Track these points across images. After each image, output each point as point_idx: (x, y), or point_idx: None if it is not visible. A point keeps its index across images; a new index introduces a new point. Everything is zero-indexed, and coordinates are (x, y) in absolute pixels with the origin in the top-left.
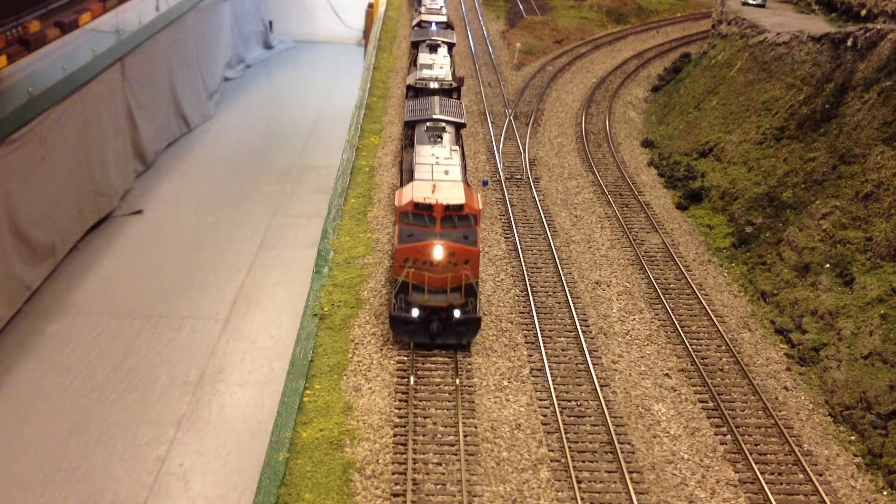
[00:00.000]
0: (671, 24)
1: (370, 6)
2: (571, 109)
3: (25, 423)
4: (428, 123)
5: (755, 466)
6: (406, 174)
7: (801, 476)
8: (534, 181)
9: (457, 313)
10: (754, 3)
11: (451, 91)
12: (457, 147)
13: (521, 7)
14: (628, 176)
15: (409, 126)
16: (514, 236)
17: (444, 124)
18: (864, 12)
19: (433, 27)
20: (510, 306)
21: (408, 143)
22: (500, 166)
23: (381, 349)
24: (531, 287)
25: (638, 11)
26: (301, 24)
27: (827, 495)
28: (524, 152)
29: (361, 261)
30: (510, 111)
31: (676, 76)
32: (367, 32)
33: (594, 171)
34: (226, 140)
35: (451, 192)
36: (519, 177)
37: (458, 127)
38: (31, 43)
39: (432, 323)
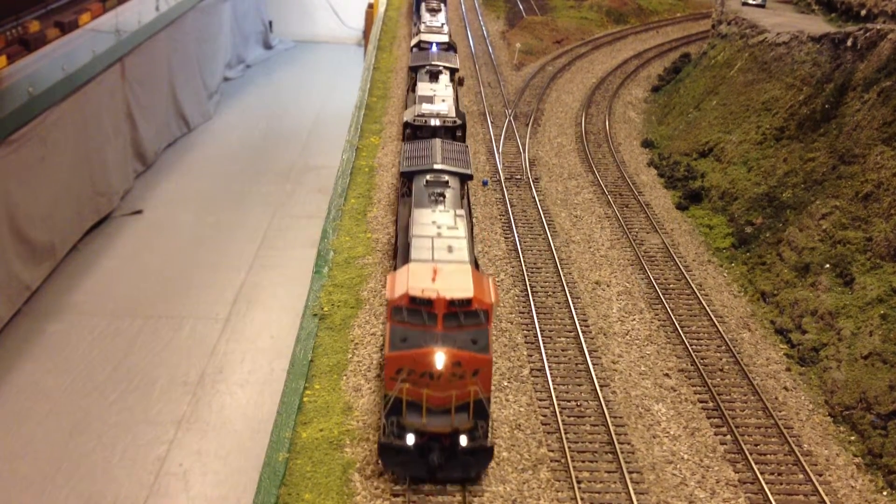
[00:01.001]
0: (671, 25)
1: (370, 6)
2: (571, 109)
3: (25, 423)
4: (428, 177)
5: (755, 466)
6: (402, 233)
7: (800, 476)
8: (534, 181)
9: (463, 440)
10: (754, 3)
11: (454, 129)
12: (462, 211)
13: (520, 7)
14: (628, 176)
15: (406, 177)
16: (513, 236)
17: (446, 177)
18: (863, 12)
19: (433, 48)
20: (510, 306)
21: (405, 192)
22: (499, 166)
23: (381, 349)
24: (531, 287)
25: (638, 12)
26: (301, 24)
27: (827, 495)
28: (524, 152)
29: (361, 261)
30: (510, 111)
31: (676, 76)
32: (366, 32)
33: (594, 172)
34: (226, 140)
35: (457, 281)
36: (519, 177)
37: (464, 179)
38: (31, 43)
39: (432, 453)
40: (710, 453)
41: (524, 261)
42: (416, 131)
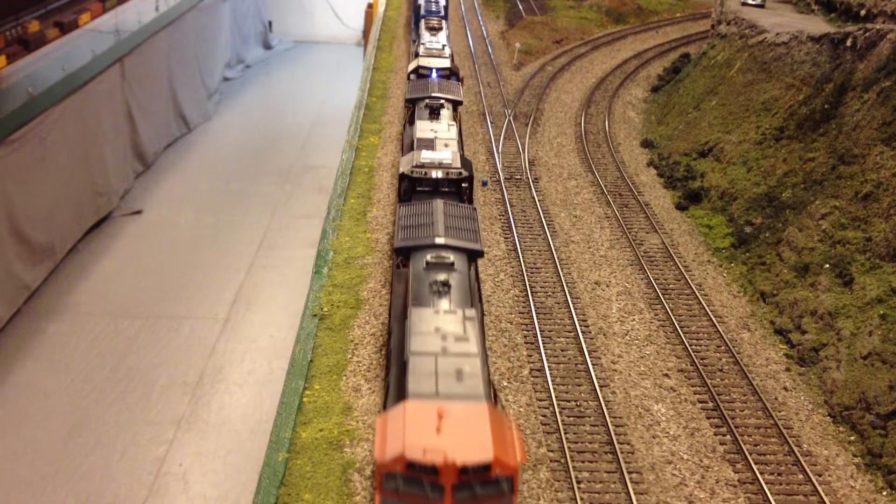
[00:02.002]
0: (671, 25)
1: (369, 6)
2: (571, 110)
3: (25, 423)
4: (428, 256)
5: (755, 467)
6: (396, 326)
7: (800, 476)
8: (533, 181)
9: None
10: (753, 3)
11: (460, 182)
12: (472, 311)
13: (520, 7)
14: (628, 176)
15: (402, 254)
16: (513, 236)
17: (451, 257)
18: (863, 12)
19: (433, 75)
20: (509, 307)
21: (400, 264)
22: (499, 166)
23: (381, 350)
24: (531, 287)
25: (637, 12)
26: (300, 24)
27: (826, 495)
28: (523, 152)
29: (361, 261)
30: (509, 111)
31: (676, 76)
32: (366, 32)
33: (594, 172)
34: (225, 140)
35: (471, 434)
36: (518, 177)
37: (474, 256)
38: (31, 43)
39: None
40: (710, 453)
41: (524, 261)
42: (414, 184)
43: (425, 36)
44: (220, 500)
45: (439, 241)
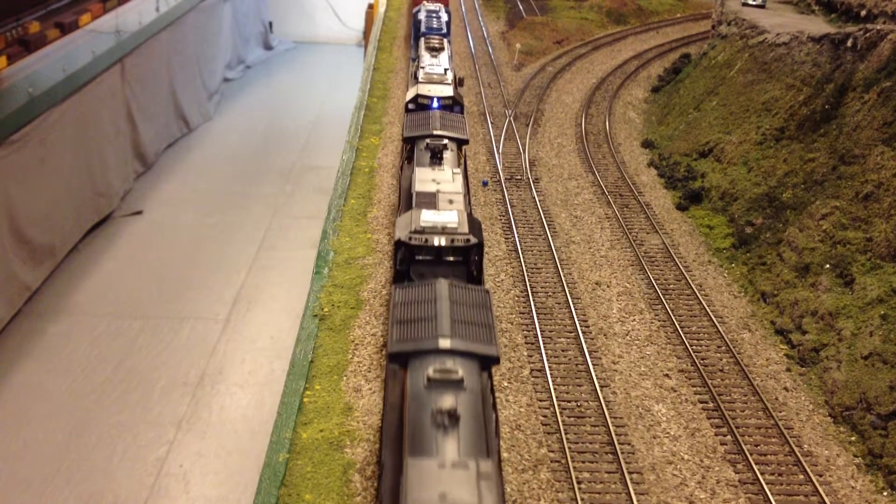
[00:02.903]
0: (671, 25)
1: (370, 7)
2: (571, 110)
3: (25, 423)
4: (430, 371)
5: (755, 467)
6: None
7: (801, 477)
8: (534, 182)
9: None
10: (754, 3)
11: (468, 251)
12: (489, 467)
13: (520, 7)
14: (628, 176)
15: (397, 360)
16: (513, 237)
17: (459, 372)
18: (863, 13)
19: (434, 104)
20: (510, 307)
21: (398, 370)
22: (499, 167)
23: (381, 350)
24: (531, 288)
25: (638, 12)
26: (301, 24)
27: (827, 496)
28: (524, 153)
29: (361, 261)
30: (510, 112)
31: (676, 77)
32: (366, 33)
33: (594, 172)
34: (226, 141)
35: None
36: (519, 177)
37: (487, 363)
38: (31, 44)
39: None
40: (711, 454)
41: (524, 261)
42: (412, 253)
43: (425, 58)
44: (220, 501)
45: (444, 342)
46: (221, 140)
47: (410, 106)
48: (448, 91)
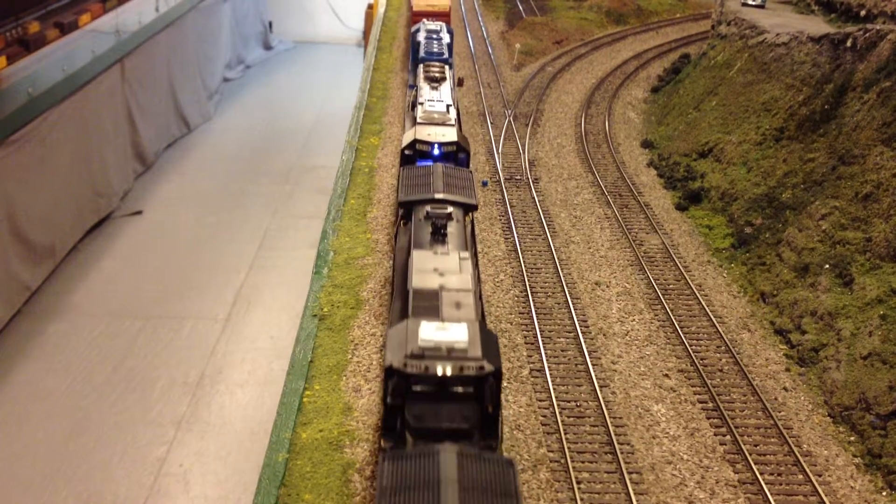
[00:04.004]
0: (671, 25)
1: (370, 7)
2: (571, 110)
3: (25, 423)
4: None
5: (755, 467)
6: None
7: (800, 477)
8: (533, 182)
9: None
10: (754, 3)
11: (480, 382)
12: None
13: (520, 8)
14: (628, 177)
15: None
16: (513, 237)
17: None
18: (863, 13)
19: (435, 151)
20: (510, 307)
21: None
22: (499, 167)
23: (381, 350)
24: (531, 288)
25: (637, 12)
26: (301, 24)
27: (826, 496)
28: (524, 153)
29: (361, 261)
30: (510, 112)
31: (676, 77)
32: (366, 33)
33: (594, 172)
34: (225, 141)
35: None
36: (518, 177)
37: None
38: (31, 44)
39: None
40: (710, 454)
41: (524, 261)
42: (408, 383)
43: (424, 90)
44: (220, 501)
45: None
46: (221, 140)
47: (407, 152)
48: (451, 134)
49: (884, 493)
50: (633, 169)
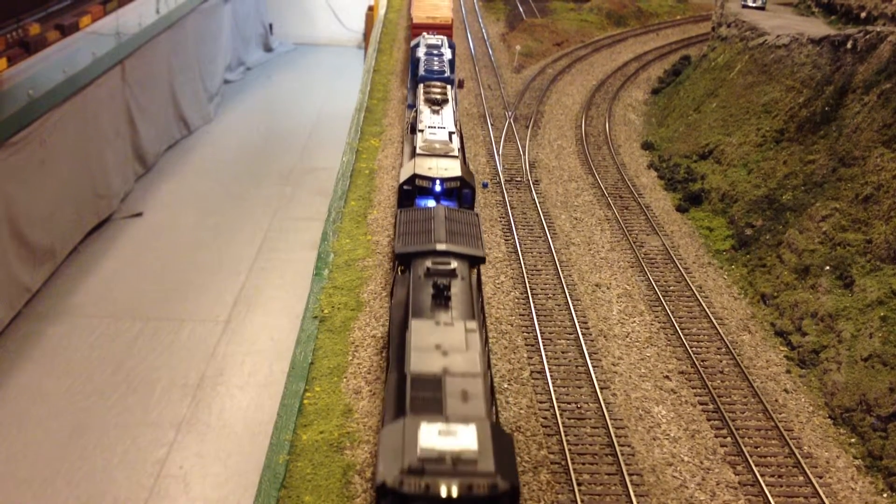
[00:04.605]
0: (671, 27)
1: (370, 9)
2: (571, 112)
3: (25, 425)
4: None
5: (755, 469)
6: None
7: (801, 478)
8: (534, 183)
9: None
10: (754, 5)
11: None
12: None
13: (520, 9)
14: (628, 178)
15: None
16: (514, 238)
17: None
18: (863, 15)
19: (437, 187)
20: (510, 309)
21: None
22: (499, 169)
23: (381, 352)
24: (531, 289)
25: (638, 14)
26: (301, 26)
27: (827, 497)
28: (524, 155)
29: (361, 263)
30: (510, 113)
31: (676, 79)
32: (367, 35)
33: (594, 174)
34: (226, 142)
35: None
36: (519, 179)
37: None
38: (32, 45)
39: None
40: (711, 455)
41: (524, 263)
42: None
43: (424, 114)
44: (220, 503)
45: None
46: (221, 142)
47: (406, 187)
48: (454, 168)
49: (885, 495)
50: (633, 170)
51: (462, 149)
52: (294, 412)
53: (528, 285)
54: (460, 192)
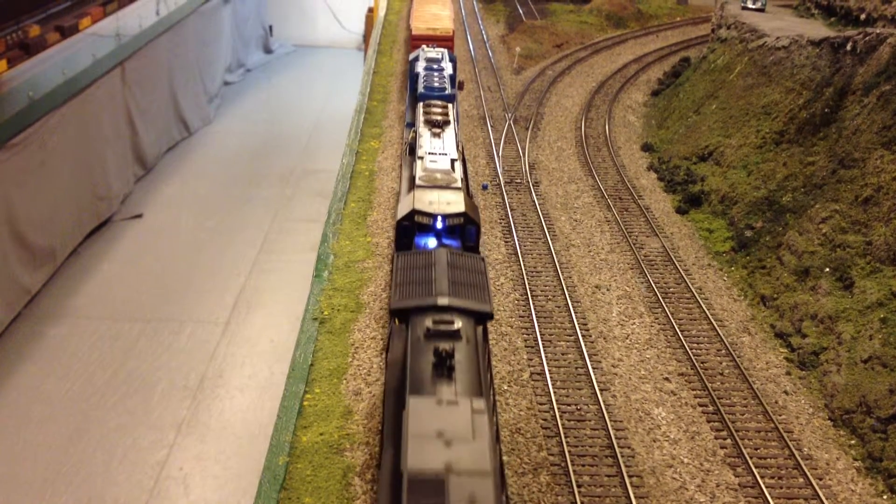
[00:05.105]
0: (671, 29)
1: (370, 10)
2: (571, 113)
3: (25, 427)
4: None
5: (755, 470)
6: None
7: (801, 480)
8: (533, 185)
9: None
10: (754, 7)
11: None
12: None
13: (520, 11)
14: (628, 180)
15: None
16: (513, 240)
17: None
18: (863, 16)
19: (438, 224)
20: (510, 310)
21: None
22: (499, 170)
23: (381, 353)
24: (531, 291)
25: (637, 16)
26: (301, 28)
27: (827, 499)
28: (524, 156)
29: (361, 265)
30: (510, 115)
31: (676, 80)
32: (366, 37)
33: (594, 176)
34: (226, 144)
35: None
36: (519, 181)
37: None
38: (32, 47)
39: None
40: (710, 457)
41: (524, 264)
42: None
43: (424, 137)
44: None
45: None
46: (221, 143)
47: (405, 223)
48: (458, 203)
49: (884, 497)
50: (633, 172)
51: (465, 178)
52: (294, 414)
53: (527, 287)
54: (464, 228)
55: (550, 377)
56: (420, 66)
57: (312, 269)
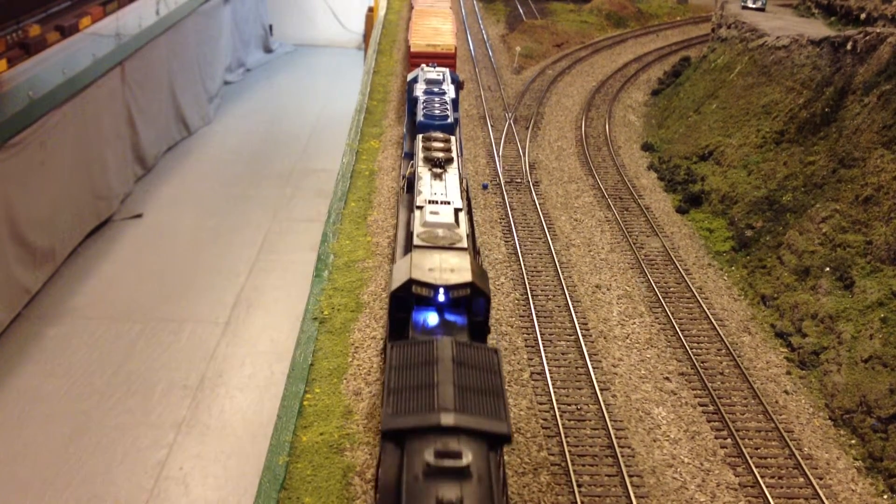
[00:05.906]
0: (671, 28)
1: (370, 10)
2: (571, 113)
3: (25, 427)
4: None
5: (755, 470)
6: None
7: (801, 480)
8: (533, 185)
9: None
10: (754, 6)
11: None
12: None
13: (520, 11)
14: (628, 179)
15: None
16: (513, 240)
17: None
18: (863, 16)
19: (440, 296)
20: (510, 310)
21: None
22: (499, 170)
23: (381, 353)
24: (531, 291)
25: (638, 15)
26: (301, 28)
27: (827, 499)
28: (524, 156)
29: (361, 265)
30: (510, 115)
31: (676, 80)
32: (367, 36)
33: (594, 175)
34: (226, 144)
35: None
36: (519, 180)
37: None
38: (32, 47)
39: None
40: (711, 457)
41: (524, 264)
42: None
43: (424, 180)
44: None
45: None
46: (221, 143)
47: (401, 294)
48: (463, 269)
49: (885, 497)
50: (633, 172)
51: (472, 232)
52: (294, 413)
53: (528, 286)
54: (470, 300)
55: (550, 377)
56: (419, 90)
57: (312, 268)
